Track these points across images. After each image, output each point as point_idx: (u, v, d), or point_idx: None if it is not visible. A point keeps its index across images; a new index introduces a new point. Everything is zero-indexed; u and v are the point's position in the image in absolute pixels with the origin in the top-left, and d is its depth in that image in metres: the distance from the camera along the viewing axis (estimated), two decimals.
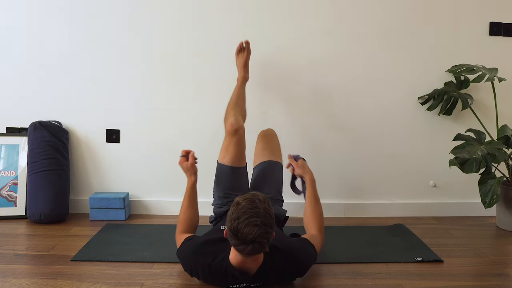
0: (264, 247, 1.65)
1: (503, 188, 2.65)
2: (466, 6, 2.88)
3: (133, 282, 1.90)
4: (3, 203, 2.74)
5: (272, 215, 1.68)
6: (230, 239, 1.67)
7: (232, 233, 1.64)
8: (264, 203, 1.68)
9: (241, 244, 1.63)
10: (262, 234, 1.61)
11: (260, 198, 1.70)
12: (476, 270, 2.12)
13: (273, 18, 2.84)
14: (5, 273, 1.96)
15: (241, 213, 1.63)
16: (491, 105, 2.85)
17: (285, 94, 2.87)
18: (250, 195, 1.70)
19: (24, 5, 2.79)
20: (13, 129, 2.86)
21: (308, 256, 1.91)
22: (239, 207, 1.66)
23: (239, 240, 1.63)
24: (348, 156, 2.93)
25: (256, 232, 1.60)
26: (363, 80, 2.90)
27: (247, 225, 1.60)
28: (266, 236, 1.63)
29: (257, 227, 1.60)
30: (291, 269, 1.86)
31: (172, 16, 2.82)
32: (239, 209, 1.65)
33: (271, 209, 1.70)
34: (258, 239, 1.61)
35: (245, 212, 1.63)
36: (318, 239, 2.04)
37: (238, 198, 1.71)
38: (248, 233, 1.60)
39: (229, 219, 1.66)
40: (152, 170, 2.91)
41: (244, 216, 1.62)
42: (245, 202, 1.67)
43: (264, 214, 1.64)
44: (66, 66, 2.83)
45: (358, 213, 2.94)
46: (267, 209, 1.67)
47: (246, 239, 1.61)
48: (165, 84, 2.86)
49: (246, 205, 1.65)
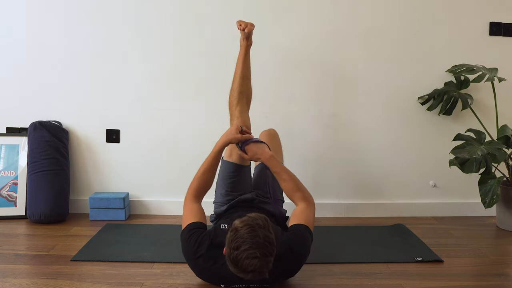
0: (264, 274, 1.62)
1: (503, 188, 2.65)
2: (466, 6, 2.88)
3: (133, 282, 1.90)
4: (3, 203, 2.74)
5: (272, 242, 1.62)
6: (229, 265, 1.64)
7: (232, 262, 1.61)
8: (264, 229, 1.61)
9: (240, 273, 1.62)
10: (263, 265, 1.59)
11: (260, 223, 1.62)
12: (476, 270, 2.12)
13: (273, 18, 2.84)
14: (5, 273, 1.96)
15: (240, 243, 1.58)
16: (491, 105, 2.85)
17: (285, 94, 2.87)
18: (250, 220, 1.63)
19: (24, 5, 2.79)
20: (13, 129, 2.86)
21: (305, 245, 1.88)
22: (238, 234, 1.60)
23: (238, 269, 1.61)
24: (348, 156, 2.93)
25: (256, 264, 1.57)
26: (364, 80, 2.90)
27: (247, 257, 1.56)
28: (267, 266, 1.61)
29: (257, 259, 1.57)
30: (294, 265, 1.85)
31: (172, 16, 2.82)
32: (238, 238, 1.59)
33: (271, 234, 1.63)
34: (259, 269, 1.59)
35: (244, 242, 1.57)
36: (308, 211, 1.98)
37: (237, 223, 1.64)
38: (248, 265, 1.57)
39: (228, 247, 1.62)
40: (152, 170, 2.91)
41: (244, 247, 1.57)
42: (244, 230, 1.60)
43: (264, 244, 1.59)
44: (66, 66, 2.83)
45: (358, 213, 2.94)
46: (267, 236, 1.61)
47: (246, 270, 1.59)
48: (165, 84, 2.86)
49: (245, 233, 1.59)
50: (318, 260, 2.14)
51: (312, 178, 2.92)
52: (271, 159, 2.06)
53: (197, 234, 1.86)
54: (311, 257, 2.12)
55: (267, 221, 1.66)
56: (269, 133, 2.56)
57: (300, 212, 1.97)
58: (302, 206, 1.99)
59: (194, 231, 1.88)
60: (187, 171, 2.81)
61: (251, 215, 1.67)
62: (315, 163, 2.92)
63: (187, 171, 2.82)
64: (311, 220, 1.96)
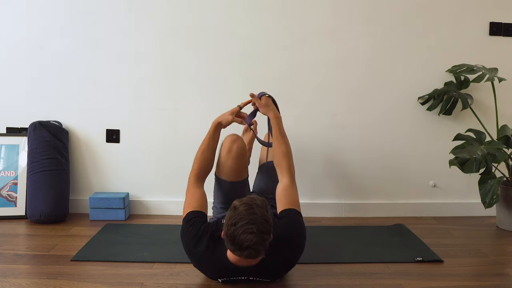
0: (260, 253, 1.65)
1: (503, 188, 2.65)
2: (466, 6, 2.88)
3: (133, 282, 1.90)
4: (3, 203, 2.74)
5: (269, 220, 1.67)
6: (226, 244, 1.68)
7: (229, 238, 1.64)
8: (261, 208, 1.66)
9: (237, 250, 1.64)
10: (259, 241, 1.62)
11: (258, 203, 1.68)
12: (476, 270, 2.12)
13: (274, 19, 2.84)
14: (5, 273, 1.96)
15: (238, 219, 1.62)
16: (491, 105, 2.85)
17: (285, 94, 2.87)
18: (248, 200, 1.69)
19: (24, 5, 2.79)
20: (13, 129, 2.86)
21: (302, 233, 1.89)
22: (236, 212, 1.65)
23: (235, 246, 1.64)
24: (348, 156, 2.93)
25: (252, 240, 1.60)
26: (363, 80, 2.90)
27: (244, 232, 1.60)
28: (263, 243, 1.63)
29: (253, 235, 1.60)
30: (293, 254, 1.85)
31: (172, 16, 2.82)
32: (236, 215, 1.64)
33: (268, 214, 1.68)
34: (254, 246, 1.61)
35: (241, 218, 1.62)
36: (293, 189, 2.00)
37: (236, 202, 1.70)
38: (244, 240, 1.60)
39: (226, 224, 1.66)
40: (152, 170, 2.91)
41: (241, 223, 1.61)
42: (243, 207, 1.65)
43: (261, 221, 1.63)
44: (66, 66, 2.83)
45: (358, 213, 2.94)
46: (264, 215, 1.66)
47: (242, 246, 1.61)
48: (165, 84, 2.86)
49: (243, 210, 1.64)
50: (318, 260, 2.15)
51: (312, 178, 2.93)
52: (279, 117, 2.17)
53: (197, 223, 1.87)
54: (311, 257, 2.14)
55: (265, 202, 1.71)
56: None
57: (285, 192, 1.98)
58: (286, 182, 2.00)
59: (194, 220, 1.88)
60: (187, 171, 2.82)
61: (250, 196, 1.73)
62: (315, 163, 2.92)
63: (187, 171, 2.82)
64: (297, 199, 1.99)
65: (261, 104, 2.18)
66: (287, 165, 2.04)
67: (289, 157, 2.07)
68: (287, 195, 1.97)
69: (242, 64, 2.85)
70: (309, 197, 2.91)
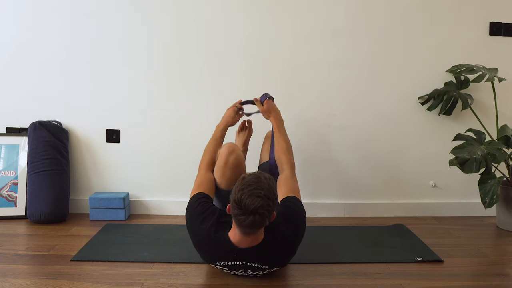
0: (264, 220, 1.68)
1: (503, 188, 2.65)
2: (466, 6, 2.88)
3: (133, 282, 1.90)
4: (3, 203, 2.74)
5: (275, 192, 1.74)
6: (232, 210, 1.71)
7: (235, 203, 1.68)
8: (269, 180, 1.73)
9: (242, 214, 1.67)
10: (264, 205, 1.65)
11: (266, 175, 1.75)
12: (476, 270, 2.12)
13: (274, 19, 2.84)
14: (5, 273, 1.96)
15: (245, 185, 1.68)
16: (491, 105, 2.85)
17: (285, 94, 2.87)
18: (257, 172, 1.77)
19: (24, 5, 2.79)
20: (13, 129, 2.86)
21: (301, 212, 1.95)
22: (244, 180, 1.71)
23: (241, 210, 1.66)
24: (348, 156, 2.93)
25: (258, 203, 1.64)
26: (363, 80, 2.90)
27: (251, 195, 1.65)
28: (268, 209, 1.67)
29: (260, 198, 1.65)
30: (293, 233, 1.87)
31: (172, 16, 2.82)
32: (244, 182, 1.70)
33: (275, 187, 1.75)
34: (260, 210, 1.65)
35: (250, 184, 1.68)
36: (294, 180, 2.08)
37: (244, 174, 1.77)
38: (251, 203, 1.64)
39: (234, 191, 1.71)
40: (152, 170, 2.91)
41: (249, 188, 1.67)
42: (251, 176, 1.73)
43: (267, 188, 1.70)
44: (66, 66, 2.83)
45: (358, 213, 2.94)
46: (271, 186, 1.73)
47: (248, 209, 1.65)
48: (165, 84, 2.86)
49: (251, 178, 1.71)
50: (318, 260, 2.15)
51: (312, 178, 2.93)
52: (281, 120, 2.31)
53: (206, 204, 1.93)
54: (311, 257, 2.14)
55: (272, 178, 1.78)
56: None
57: (285, 181, 2.05)
58: (287, 173, 2.10)
59: (203, 200, 1.94)
60: (187, 171, 2.83)
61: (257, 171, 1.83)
62: (315, 163, 2.92)
63: (187, 171, 2.83)
64: (298, 188, 2.06)
65: (263, 109, 2.31)
66: (287, 159, 2.15)
67: (289, 151, 2.19)
68: (288, 184, 2.04)
69: (242, 64, 2.85)
70: (309, 197, 2.91)
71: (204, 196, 1.97)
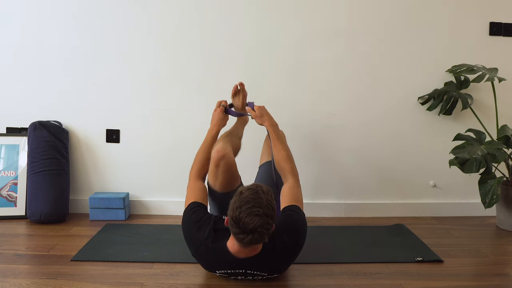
0: (263, 237, 1.67)
1: (503, 188, 2.65)
2: (466, 6, 2.88)
3: (133, 282, 1.90)
4: (3, 203, 2.74)
5: (274, 207, 1.71)
6: (230, 227, 1.69)
7: (233, 221, 1.66)
8: (267, 195, 1.70)
9: (241, 233, 1.65)
10: (263, 224, 1.64)
11: (264, 189, 1.72)
12: (476, 270, 2.12)
13: (274, 19, 2.84)
14: (5, 273, 1.96)
15: (243, 202, 1.65)
16: (491, 105, 2.85)
17: (286, 94, 2.88)
18: (254, 186, 1.73)
19: (24, 5, 2.79)
20: (13, 129, 2.86)
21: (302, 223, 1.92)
22: (242, 196, 1.68)
23: (239, 229, 1.65)
24: (348, 156, 2.93)
25: (257, 222, 1.62)
26: (363, 80, 2.90)
27: (249, 215, 1.62)
28: (267, 227, 1.66)
29: (258, 217, 1.63)
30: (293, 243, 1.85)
31: (172, 16, 2.82)
32: (242, 199, 1.67)
33: (273, 201, 1.72)
34: (259, 229, 1.63)
35: (247, 201, 1.65)
36: (297, 189, 2.06)
37: (242, 188, 1.73)
38: (249, 223, 1.62)
39: (231, 208, 1.68)
40: (152, 170, 2.91)
41: (246, 206, 1.64)
42: (248, 192, 1.69)
43: (266, 205, 1.67)
44: (66, 66, 2.83)
45: (358, 213, 2.94)
46: (270, 201, 1.69)
47: (247, 228, 1.63)
48: (165, 84, 2.86)
49: (249, 195, 1.67)
50: (318, 260, 2.15)
51: (312, 178, 2.93)
52: (276, 124, 2.24)
53: (200, 212, 1.91)
54: (311, 257, 2.14)
55: (270, 190, 1.75)
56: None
57: (290, 191, 2.03)
58: (291, 182, 2.06)
59: (196, 209, 1.93)
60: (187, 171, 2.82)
61: (255, 183, 1.78)
62: (315, 163, 2.92)
63: (187, 171, 2.82)
64: (301, 199, 2.04)
65: (256, 115, 2.24)
66: (290, 168, 2.11)
67: (291, 160, 2.14)
68: (292, 194, 2.01)
69: (243, 64, 2.85)
70: (309, 197, 2.91)
71: (197, 205, 1.95)
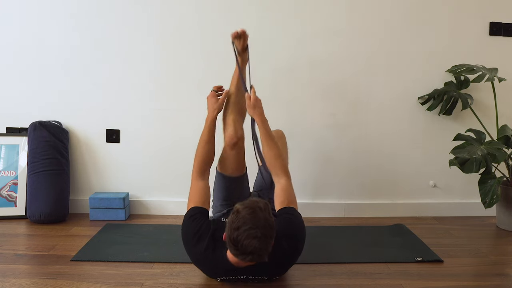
0: (263, 258, 1.64)
1: (503, 188, 2.65)
2: (466, 6, 2.88)
3: (133, 282, 1.90)
4: (3, 203, 2.74)
5: (272, 225, 1.65)
6: (229, 247, 1.66)
7: (232, 243, 1.62)
8: (264, 212, 1.64)
9: (240, 254, 1.63)
10: (262, 247, 1.60)
11: (261, 206, 1.66)
12: (476, 270, 2.12)
13: (274, 19, 2.84)
14: (5, 273, 1.96)
15: (241, 223, 1.60)
16: (491, 105, 2.85)
17: (285, 94, 2.87)
18: (251, 203, 1.66)
19: (24, 5, 2.79)
20: (13, 129, 2.86)
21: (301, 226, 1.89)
22: (239, 216, 1.62)
23: (238, 251, 1.62)
24: (348, 156, 2.93)
25: (256, 245, 1.58)
26: (364, 80, 2.90)
27: (247, 237, 1.58)
28: (266, 248, 1.62)
29: (257, 239, 1.58)
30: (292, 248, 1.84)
31: (172, 16, 2.82)
32: (239, 218, 1.61)
33: (271, 217, 1.66)
34: (258, 252, 1.60)
35: (245, 222, 1.60)
36: (290, 188, 2.00)
37: (238, 206, 1.67)
38: (248, 245, 1.58)
39: (229, 227, 1.63)
40: (152, 170, 2.91)
41: (244, 227, 1.59)
42: (245, 211, 1.63)
43: (264, 224, 1.61)
44: (66, 66, 2.83)
45: (358, 213, 2.94)
46: (267, 219, 1.64)
47: (246, 251, 1.60)
48: (165, 84, 2.86)
49: (246, 214, 1.61)
50: (318, 260, 2.15)
51: (312, 178, 2.93)
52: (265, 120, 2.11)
53: (199, 220, 1.86)
54: (311, 257, 2.14)
55: (268, 205, 1.69)
56: (276, 134, 2.53)
57: (284, 192, 1.98)
58: (284, 182, 2.01)
59: (195, 217, 1.88)
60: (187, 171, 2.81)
61: (252, 199, 1.71)
62: (315, 163, 2.92)
63: (187, 171, 2.81)
64: (295, 199, 1.99)
65: (250, 104, 2.13)
66: (281, 164, 2.05)
67: (282, 157, 2.08)
68: (286, 195, 1.97)
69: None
70: (309, 197, 2.91)
71: (197, 212, 1.90)
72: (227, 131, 2.18)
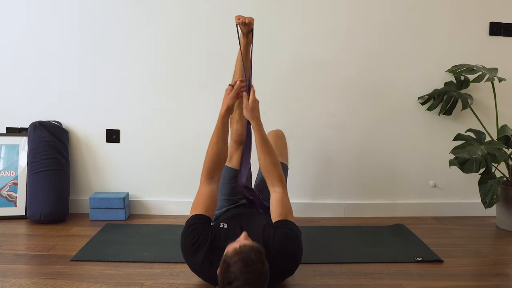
0: None
1: (503, 188, 2.65)
2: (466, 6, 2.88)
3: (133, 282, 1.90)
4: (3, 203, 2.74)
5: (266, 273, 1.57)
6: None
7: None
8: (257, 263, 1.55)
9: None
10: None
11: (253, 257, 1.55)
12: (476, 270, 2.12)
13: (274, 19, 2.84)
14: (5, 273, 1.96)
15: (232, 279, 1.51)
16: (491, 105, 2.85)
17: (285, 94, 2.87)
18: (242, 254, 1.55)
19: (24, 4, 2.79)
20: (13, 129, 2.86)
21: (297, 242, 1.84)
22: (230, 270, 1.53)
23: None
24: (348, 156, 2.93)
25: None
26: (363, 80, 2.90)
27: None
28: None
29: None
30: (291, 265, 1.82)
31: (172, 16, 2.82)
32: (230, 273, 1.53)
33: (264, 266, 1.57)
34: None
35: (236, 278, 1.51)
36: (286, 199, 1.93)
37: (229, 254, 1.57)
38: None
39: (221, 280, 1.56)
40: (152, 170, 2.91)
41: (236, 283, 1.50)
42: (237, 266, 1.53)
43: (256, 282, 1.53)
44: (66, 66, 2.83)
45: (358, 213, 2.94)
46: (260, 270, 1.55)
47: None
48: (165, 84, 2.86)
49: (237, 270, 1.52)
50: (318, 260, 2.15)
51: (312, 178, 2.93)
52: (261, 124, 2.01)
53: (198, 230, 1.80)
54: (311, 257, 2.13)
55: (261, 253, 1.60)
56: (275, 134, 2.54)
57: (280, 202, 1.91)
58: (280, 192, 1.94)
59: (195, 227, 1.82)
60: (187, 171, 2.83)
61: (244, 246, 1.59)
62: (316, 163, 2.92)
63: (187, 171, 2.83)
64: (291, 209, 1.93)
65: (248, 107, 2.01)
66: (277, 174, 1.97)
67: (278, 165, 2.00)
68: (283, 205, 1.91)
69: None
70: (309, 197, 2.91)
71: (198, 221, 1.83)
72: (234, 126, 2.19)
